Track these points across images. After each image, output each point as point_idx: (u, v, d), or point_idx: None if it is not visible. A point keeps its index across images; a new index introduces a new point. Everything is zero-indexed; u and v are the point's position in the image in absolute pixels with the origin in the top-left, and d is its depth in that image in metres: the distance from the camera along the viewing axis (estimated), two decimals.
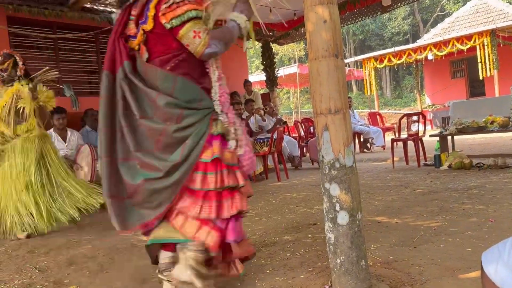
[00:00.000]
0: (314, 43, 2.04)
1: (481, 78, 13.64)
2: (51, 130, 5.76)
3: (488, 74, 12.91)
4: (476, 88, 16.72)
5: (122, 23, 2.17)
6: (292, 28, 9.14)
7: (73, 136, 5.86)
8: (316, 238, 3.14)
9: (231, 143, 2.14)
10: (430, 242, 2.80)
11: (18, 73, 4.22)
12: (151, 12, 2.05)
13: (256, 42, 10.72)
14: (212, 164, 2.04)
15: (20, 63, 4.24)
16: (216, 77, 2.23)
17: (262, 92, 11.31)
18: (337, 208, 2.02)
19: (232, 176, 2.09)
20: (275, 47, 11.71)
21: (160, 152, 2.07)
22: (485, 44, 12.82)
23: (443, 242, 2.78)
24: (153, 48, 2.13)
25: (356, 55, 25.45)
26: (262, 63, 10.60)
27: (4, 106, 4.06)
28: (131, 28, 2.15)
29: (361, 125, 9.94)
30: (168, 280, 2.09)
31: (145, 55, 2.15)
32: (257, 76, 18.31)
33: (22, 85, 4.16)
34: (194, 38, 2.04)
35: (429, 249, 2.68)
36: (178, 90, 2.07)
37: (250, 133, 7.38)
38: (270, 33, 9.75)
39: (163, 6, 2.01)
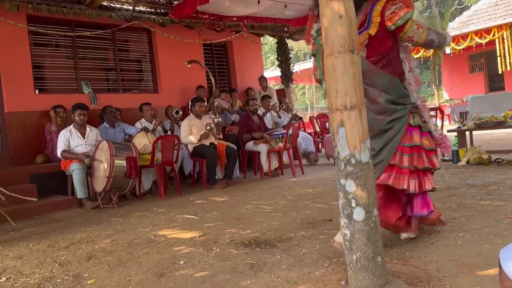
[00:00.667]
0: (330, 38, 2.03)
1: (500, 72, 13.38)
2: (71, 126, 5.87)
3: (508, 68, 12.65)
4: (495, 82, 16.38)
5: None
6: (306, 23, 9.07)
7: (91, 132, 5.95)
8: (332, 234, 3.13)
9: (432, 131, 2.76)
10: (448, 239, 2.77)
11: None
12: (376, 19, 2.59)
13: (271, 38, 10.68)
14: (409, 148, 2.60)
15: None
16: (412, 79, 2.79)
17: (277, 88, 11.27)
18: (353, 204, 2.02)
19: (426, 159, 2.64)
20: (290, 42, 11.61)
21: (371, 137, 2.48)
22: (505, 37, 12.56)
23: (460, 239, 2.75)
24: (371, 49, 2.64)
25: None
26: (277, 58, 10.57)
27: None
28: None
29: None
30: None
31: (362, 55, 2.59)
32: (272, 72, 18.28)
33: None
34: (417, 29, 2.61)
35: (447, 245, 2.65)
36: (393, 89, 2.63)
37: (265, 129, 7.38)
38: (285, 29, 9.71)
39: (388, 13, 2.57)
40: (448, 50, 14.00)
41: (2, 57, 6.44)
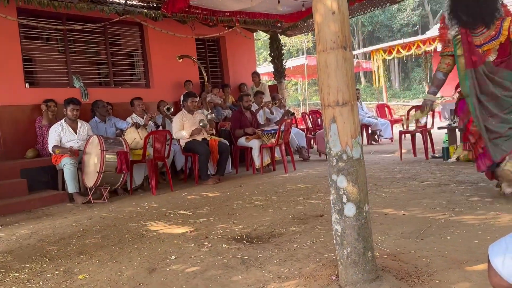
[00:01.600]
0: (322, 34, 2.02)
1: None
2: (62, 120, 5.82)
3: None
4: None
5: (470, 37, 3.55)
6: (300, 19, 9.08)
7: (83, 127, 5.91)
8: (323, 230, 3.15)
9: None
10: (437, 234, 2.80)
11: None
12: (505, 32, 3.47)
13: (264, 34, 10.67)
14: None
15: None
16: None
17: (270, 84, 11.27)
18: (344, 200, 2.02)
19: None
20: (283, 38, 11.62)
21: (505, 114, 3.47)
22: None
23: (450, 235, 2.77)
24: (499, 54, 3.52)
25: (364, 46, 25.24)
26: (270, 54, 10.55)
27: None
28: (477, 41, 3.54)
29: (369, 117, 9.88)
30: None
31: (491, 58, 3.53)
32: (265, 68, 18.26)
33: None
34: None
35: (436, 241, 2.67)
36: None
37: (257, 125, 7.38)
38: (278, 24, 9.70)
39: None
40: (439, 47, 14.08)
41: None
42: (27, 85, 6.76)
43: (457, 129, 6.40)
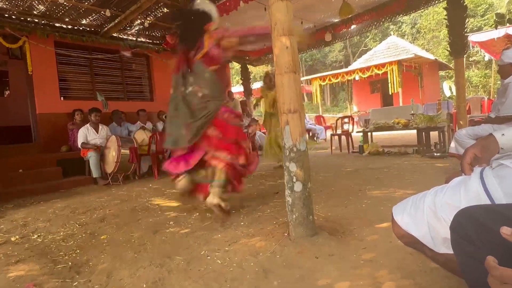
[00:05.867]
0: (280, 62, 2.03)
1: (390, 93, 13.93)
2: (88, 124, 5.57)
3: (395, 91, 13.21)
4: (387, 100, 17.11)
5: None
6: (263, 54, 9.09)
7: (103, 129, 5.69)
8: (278, 202, 3.16)
9: None
10: (356, 203, 2.85)
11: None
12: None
13: (237, 64, 10.59)
14: None
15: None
16: None
17: (241, 100, 11.19)
18: (294, 180, 2.03)
19: None
20: (250, 67, 11.59)
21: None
22: (394, 70, 13.10)
23: (364, 204, 2.82)
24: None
25: (307, 75, 25.56)
26: (241, 78, 10.50)
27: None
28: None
29: (310, 124, 10.03)
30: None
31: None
32: (237, 88, 18.13)
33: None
34: None
35: (355, 208, 2.72)
36: None
37: None
38: (247, 58, 9.67)
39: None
40: (357, 77, 14.45)
41: (35, 72, 6.02)
42: (62, 98, 6.44)
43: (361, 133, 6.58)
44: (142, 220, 2.95)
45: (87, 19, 6.30)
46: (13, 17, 5.72)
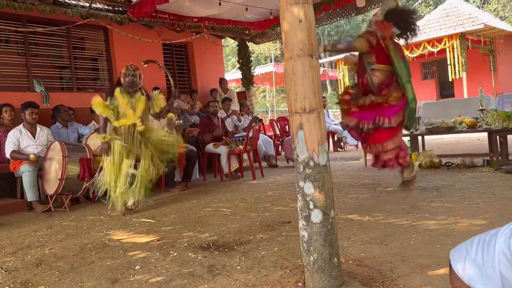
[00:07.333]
0: (290, 42, 2.04)
1: (450, 79, 13.99)
2: (21, 125, 5.61)
3: (457, 76, 13.24)
4: (446, 89, 17.15)
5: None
6: (268, 27, 9.15)
7: (42, 132, 5.72)
8: (290, 236, 3.15)
9: None
10: (401, 240, 2.85)
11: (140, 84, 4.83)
12: None
13: (232, 40, 10.68)
14: None
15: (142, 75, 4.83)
16: None
17: (238, 90, 11.27)
18: (311, 206, 2.03)
19: None
20: (251, 45, 11.67)
21: None
22: (455, 46, 13.14)
23: (413, 240, 2.83)
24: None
25: (331, 55, 25.63)
26: (238, 61, 10.57)
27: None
28: None
29: (335, 124, 10.04)
30: None
31: None
32: (233, 74, 18.26)
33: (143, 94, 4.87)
34: None
35: (400, 246, 2.72)
36: None
37: (225, 131, 7.35)
38: (246, 32, 9.74)
39: None
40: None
41: None
42: None
43: (419, 137, 6.59)
44: (96, 264, 2.95)
45: None
46: None
